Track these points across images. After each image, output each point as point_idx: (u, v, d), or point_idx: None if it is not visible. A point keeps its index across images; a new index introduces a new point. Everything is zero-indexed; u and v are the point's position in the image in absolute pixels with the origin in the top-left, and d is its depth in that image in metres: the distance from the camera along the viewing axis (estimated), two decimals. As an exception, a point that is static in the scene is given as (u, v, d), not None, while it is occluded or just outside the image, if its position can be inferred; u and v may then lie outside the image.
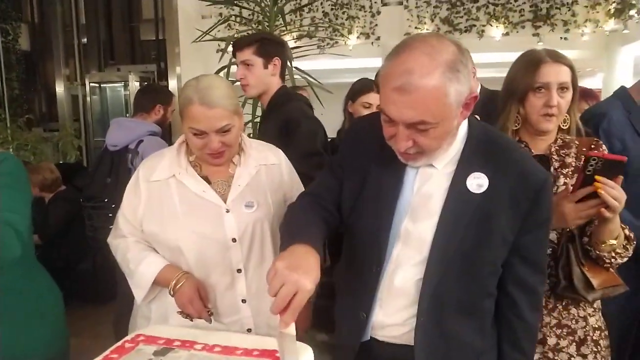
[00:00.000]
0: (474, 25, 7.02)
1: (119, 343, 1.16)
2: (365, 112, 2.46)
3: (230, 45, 2.10)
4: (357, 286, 1.25)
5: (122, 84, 7.41)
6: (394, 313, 1.21)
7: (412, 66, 1.01)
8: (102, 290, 3.69)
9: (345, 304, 1.32)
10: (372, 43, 7.30)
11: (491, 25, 6.94)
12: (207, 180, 1.49)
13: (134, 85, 7.03)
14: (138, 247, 1.51)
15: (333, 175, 1.32)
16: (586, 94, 3.16)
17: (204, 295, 1.42)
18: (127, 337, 1.18)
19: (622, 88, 2.07)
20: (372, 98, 2.44)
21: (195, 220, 1.44)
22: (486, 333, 1.24)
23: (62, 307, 1.65)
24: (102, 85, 7.51)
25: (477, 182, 1.13)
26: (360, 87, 2.52)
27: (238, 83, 2.12)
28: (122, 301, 2.22)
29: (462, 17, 7.04)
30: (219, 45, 5.02)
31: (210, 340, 1.18)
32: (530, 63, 1.49)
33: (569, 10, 6.71)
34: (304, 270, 0.97)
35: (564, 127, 1.53)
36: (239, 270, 1.47)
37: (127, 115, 6.39)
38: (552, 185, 1.16)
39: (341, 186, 1.30)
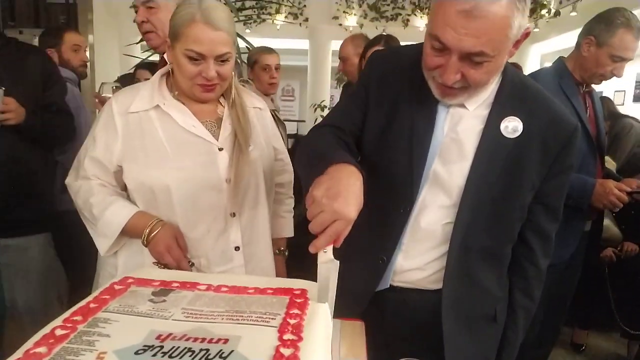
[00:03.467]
0: (400, 14, 7.20)
1: (107, 285, 0.99)
2: (264, 74, 2.68)
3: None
4: (379, 229, 1.18)
5: (25, 49, 6.66)
6: (415, 256, 1.16)
7: None
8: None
9: (360, 249, 1.21)
10: (300, 24, 7.25)
11: (415, 15, 7.16)
12: None
13: (39, 51, 6.33)
14: (104, 191, 1.33)
15: (356, 106, 1.21)
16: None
17: (182, 244, 1.29)
18: (115, 280, 1.02)
19: (559, 58, 2.21)
20: (269, 59, 2.70)
21: (185, 157, 1.30)
22: (503, 280, 1.23)
23: None
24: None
25: (512, 126, 1.09)
26: (255, 51, 2.78)
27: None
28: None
29: (388, 5, 7.21)
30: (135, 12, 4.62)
31: (212, 281, 1.04)
32: None
33: (486, 6, 7.09)
34: (345, 198, 0.83)
35: None
36: (232, 214, 1.36)
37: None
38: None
39: (363, 120, 1.20)
